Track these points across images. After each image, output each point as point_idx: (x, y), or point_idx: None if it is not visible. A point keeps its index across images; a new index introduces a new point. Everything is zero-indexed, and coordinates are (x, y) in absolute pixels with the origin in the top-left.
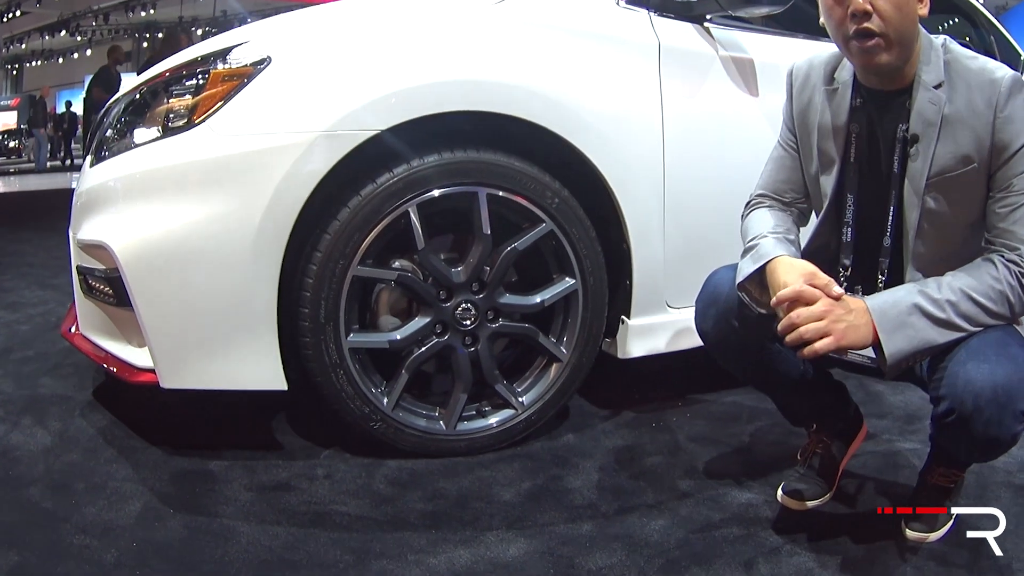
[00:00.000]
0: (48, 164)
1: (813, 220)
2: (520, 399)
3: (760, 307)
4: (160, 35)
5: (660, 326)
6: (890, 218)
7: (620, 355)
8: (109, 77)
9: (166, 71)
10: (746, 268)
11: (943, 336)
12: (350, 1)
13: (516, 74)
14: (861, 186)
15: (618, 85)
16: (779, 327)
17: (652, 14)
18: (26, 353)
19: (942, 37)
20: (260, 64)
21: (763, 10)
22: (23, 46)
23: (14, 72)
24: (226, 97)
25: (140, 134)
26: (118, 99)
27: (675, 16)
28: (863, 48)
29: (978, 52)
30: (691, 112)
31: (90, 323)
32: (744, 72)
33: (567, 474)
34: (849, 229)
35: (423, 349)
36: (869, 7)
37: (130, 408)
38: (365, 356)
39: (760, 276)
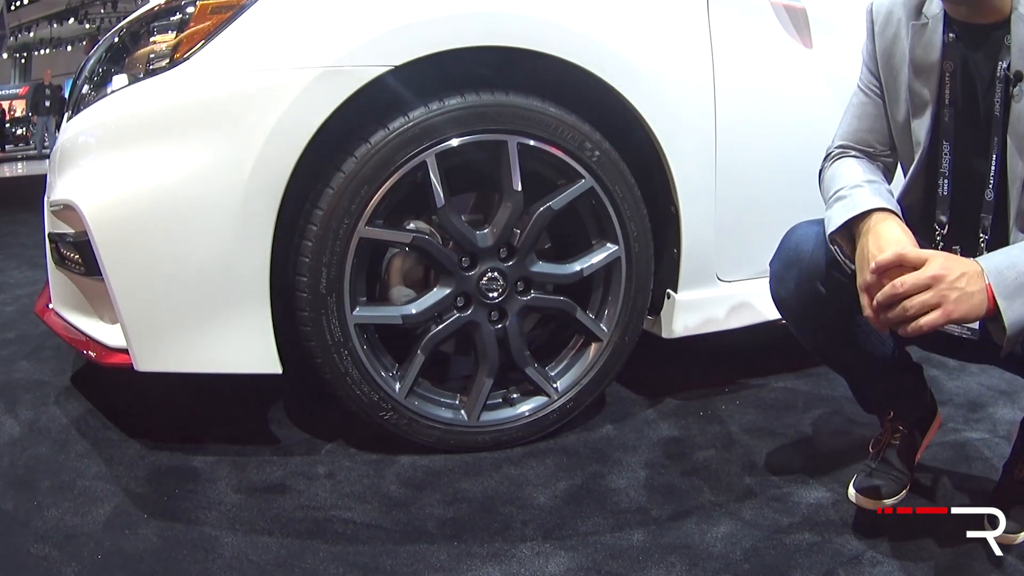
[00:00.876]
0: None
1: (899, 177)
2: (554, 384)
3: (852, 264)
4: None
5: (710, 301)
6: (992, 168)
7: (664, 334)
8: None
9: (149, 9)
10: (837, 216)
11: None
12: None
13: (548, 7)
14: (958, 133)
15: (665, 24)
16: (878, 298)
17: None
18: (6, 335)
19: None
20: None
21: None
22: (31, 35)
23: (23, 61)
24: (214, 31)
25: (118, 81)
26: (98, 46)
27: None
28: None
29: None
30: (743, 62)
31: (62, 298)
32: (797, 21)
33: (609, 471)
34: (946, 182)
35: (442, 326)
36: None
37: (110, 395)
38: (374, 334)
39: (851, 230)
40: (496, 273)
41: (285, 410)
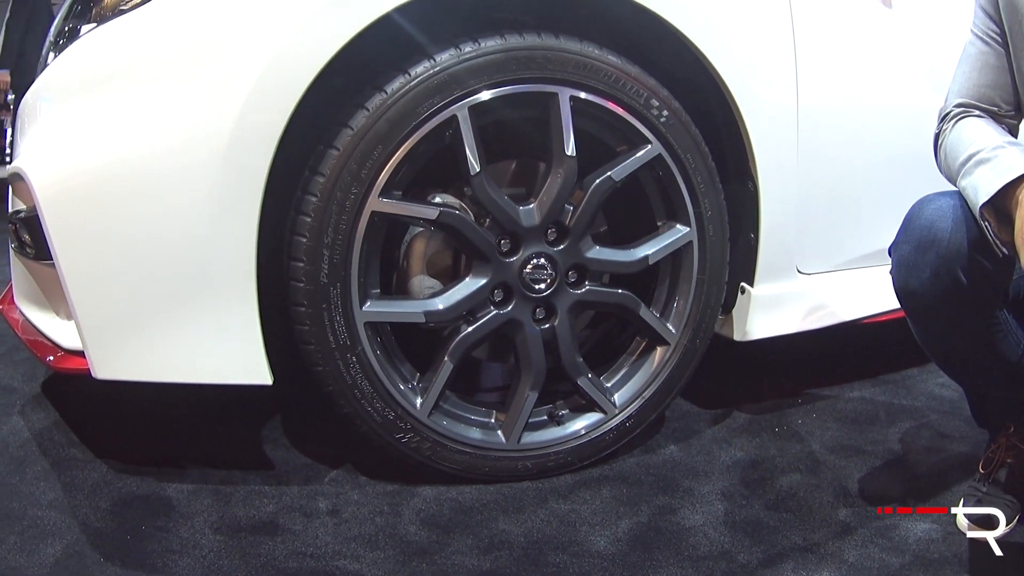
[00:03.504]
0: None
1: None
2: (611, 398)
3: (1004, 246)
4: None
5: (790, 297)
6: None
7: (737, 336)
8: None
9: None
10: (987, 183)
11: None
12: None
13: None
14: None
15: None
16: None
17: None
18: None
19: None
20: None
21: None
22: None
23: None
24: None
25: (85, 29)
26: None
27: None
28: None
29: None
30: (824, 17)
31: (23, 291)
32: None
33: (680, 505)
34: None
35: (475, 326)
36: None
37: (83, 406)
38: (389, 336)
39: (1004, 199)
40: (543, 259)
41: (282, 427)
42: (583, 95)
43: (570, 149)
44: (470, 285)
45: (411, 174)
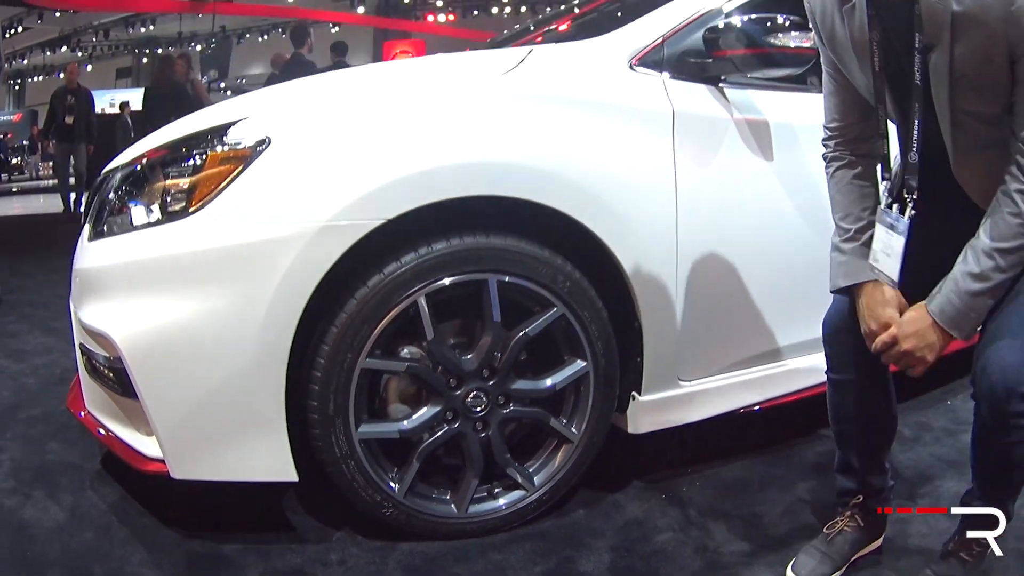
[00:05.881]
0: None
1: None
2: (531, 480)
3: None
4: (159, 58)
5: (671, 400)
6: (915, 133)
7: (630, 430)
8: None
9: (164, 146)
10: (837, 277)
11: (996, 295)
12: (351, 73)
13: (524, 154)
14: (892, 99)
15: (631, 158)
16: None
17: (666, 77)
18: (32, 412)
19: None
20: (260, 145)
21: (780, 73)
22: (25, 62)
23: (16, 87)
24: (225, 181)
25: (138, 214)
26: (115, 168)
27: (689, 78)
28: None
29: None
30: (705, 181)
31: (96, 403)
32: (759, 135)
33: (580, 556)
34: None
35: (434, 437)
36: None
37: (140, 480)
38: (375, 444)
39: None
40: (480, 392)
41: (298, 498)
42: (507, 279)
43: (496, 317)
44: (429, 411)
45: (388, 337)
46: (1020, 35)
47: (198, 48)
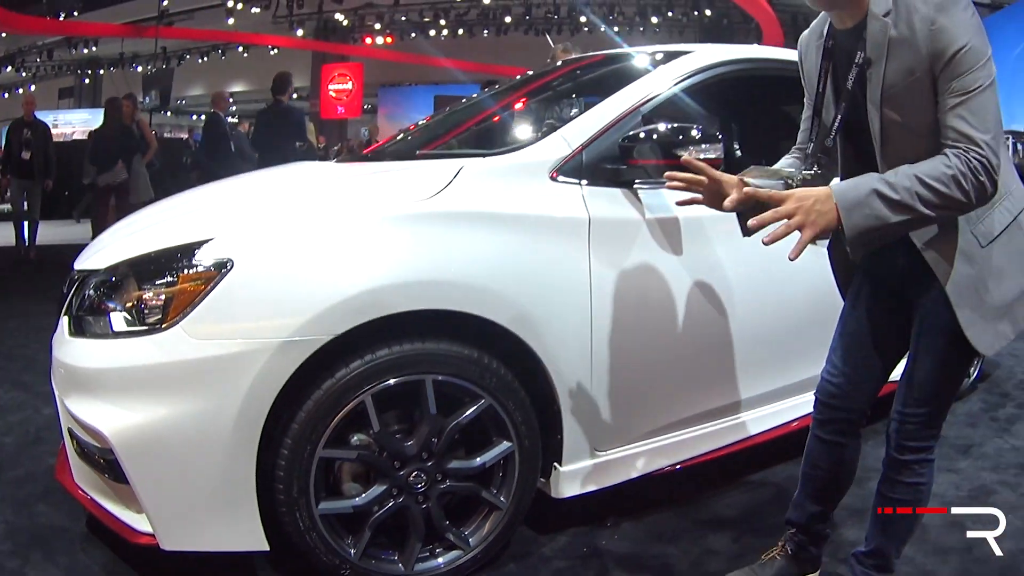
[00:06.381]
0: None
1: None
2: (467, 542)
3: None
4: (106, 102)
5: (590, 468)
6: (836, 122)
7: (554, 495)
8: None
9: (139, 259)
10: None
11: (897, 216)
12: (304, 191)
13: (453, 271)
14: (836, 109)
15: (550, 265)
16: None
17: (584, 185)
18: (16, 472)
19: None
20: (224, 267)
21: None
22: None
23: None
24: (195, 300)
25: (117, 320)
26: (91, 271)
27: (606, 183)
28: None
29: None
30: (617, 278)
31: (86, 480)
32: (669, 232)
33: None
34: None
35: (383, 510)
36: None
37: (125, 542)
38: (333, 517)
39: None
40: (420, 471)
41: (269, 562)
42: (441, 378)
43: (433, 410)
44: (377, 489)
45: (342, 427)
46: (938, 52)
47: (139, 69)
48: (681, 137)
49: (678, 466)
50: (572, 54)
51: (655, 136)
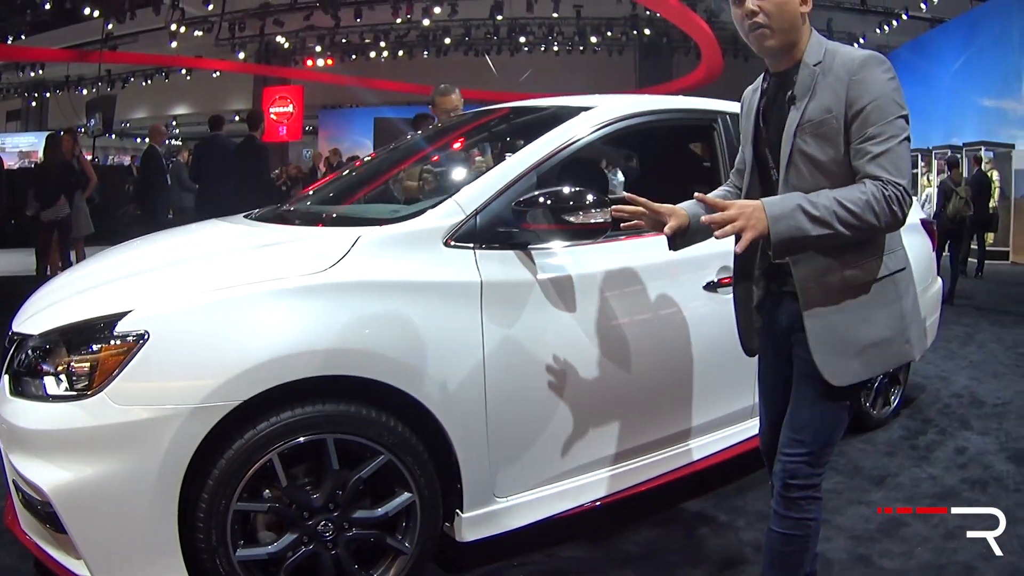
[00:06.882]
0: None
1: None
2: None
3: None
4: (47, 139)
5: (490, 514)
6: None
7: (458, 539)
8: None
9: (68, 327)
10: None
11: (816, 229)
12: (210, 263)
13: (351, 339)
14: (769, 142)
15: (444, 328)
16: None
17: (477, 249)
18: None
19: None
20: (141, 338)
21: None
22: None
23: None
24: (117, 369)
25: (51, 384)
26: (26, 335)
27: (500, 246)
28: (754, 35)
29: None
30: (511, 336)
31: (31, 527)
32: (563, 290)
33: None
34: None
35: (295, 556)
36: (756, 7)
37: None
38: (251, 562)
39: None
40: (328, 522)
41: None
42: (343, 436)
43: (336, 466)
44: (289, 537)
45: (255, 480)
46: (852, 100)
47: (84, 92)
48: (572, 203)
49: (598, 503)
50: (452, 95)
51: (547, 201)
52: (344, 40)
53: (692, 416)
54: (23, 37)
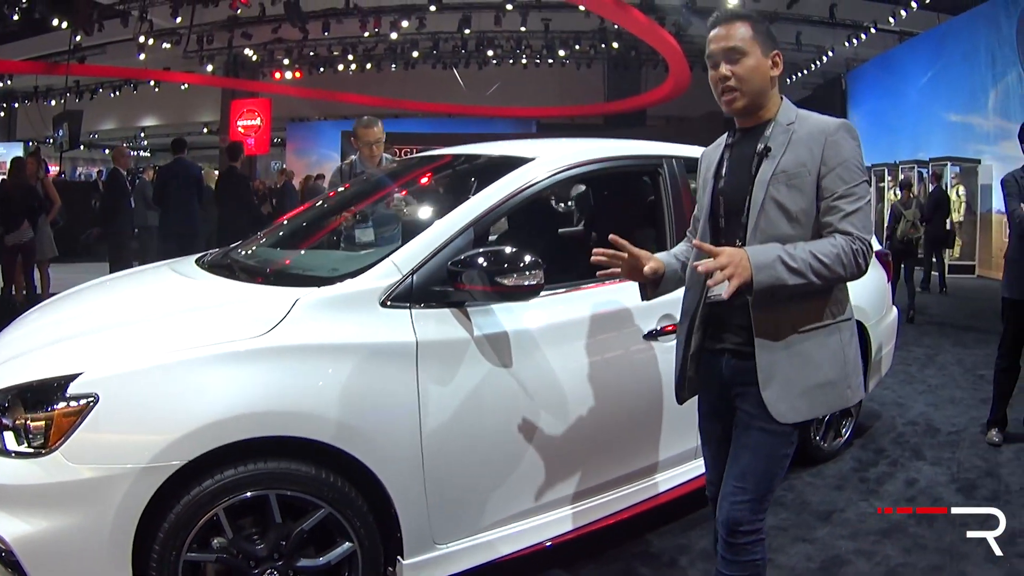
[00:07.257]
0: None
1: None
2: None
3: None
4: (12, 161)
5: (431, 560)
6: (746, 206)
7: None
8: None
9: (24, 386)
10: None
11: (793, 279)
12: (155, 325)
13: (288, 401)
14: (729, 191)
15: (380, 387)
16: (705, 267)
17: (413, 309)
18: None
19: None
20: (91, 401)
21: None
22: None
23: None
24: (70, 429)
25: (9, 439)
26: None
27: (436, 305)
28: (725, 98)
29: None
30: (447, 393)
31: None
32: (499, 346)
33: None
34: (722, 219)
35: None
36: (728, 72)
37: None
38: None
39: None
40: (274, 570)
41: None
42: (285, 492)
43: (278, 519)
44: None
45: (204, 531)
46: (827, 158)
47: (53, 103)
48: (507, 265)
49: (548, 544)
50: (375, 127)
51: (482, 262)
52: (312, 53)
53: (634, 460)
54: None
